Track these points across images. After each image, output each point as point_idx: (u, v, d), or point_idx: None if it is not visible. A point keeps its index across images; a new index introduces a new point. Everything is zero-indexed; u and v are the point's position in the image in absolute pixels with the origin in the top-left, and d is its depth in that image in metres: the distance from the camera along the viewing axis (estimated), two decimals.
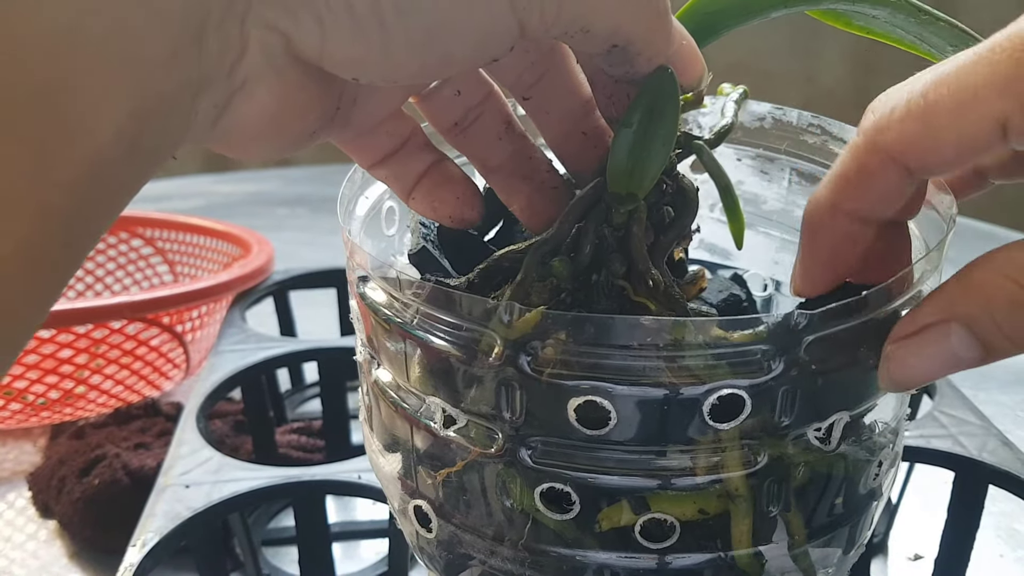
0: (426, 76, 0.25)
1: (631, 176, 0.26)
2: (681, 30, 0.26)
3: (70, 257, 0.20)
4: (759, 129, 0.36)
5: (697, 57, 0.27)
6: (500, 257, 0.28)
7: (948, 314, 0.23)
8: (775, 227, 0.38)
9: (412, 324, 0.26)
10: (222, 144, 0.24)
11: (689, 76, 0.27)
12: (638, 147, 0.26)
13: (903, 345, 0.24)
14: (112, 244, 0.83)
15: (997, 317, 0.22)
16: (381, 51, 0.22)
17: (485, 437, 0.26)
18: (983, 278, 0.22)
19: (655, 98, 0.26)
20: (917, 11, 0.28)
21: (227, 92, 0.22)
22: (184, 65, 0.20)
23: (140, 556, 0.39)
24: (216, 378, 0.53)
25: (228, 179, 1.39)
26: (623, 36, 0.24)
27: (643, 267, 0.27)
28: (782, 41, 1.76)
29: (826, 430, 0.26)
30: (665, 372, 0.24)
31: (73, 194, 0.19)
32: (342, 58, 0.22)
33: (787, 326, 0.24)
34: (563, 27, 0.23)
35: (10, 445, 0.65)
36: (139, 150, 0.20)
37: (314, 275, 0.68)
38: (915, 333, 0.23)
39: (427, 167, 0.29)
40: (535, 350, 0.24)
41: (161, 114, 0.20)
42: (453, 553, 0.29)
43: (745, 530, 0.26)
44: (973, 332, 0.22)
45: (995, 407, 0.62)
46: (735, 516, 0.26)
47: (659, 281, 0.27)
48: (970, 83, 0.21)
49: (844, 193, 0.24)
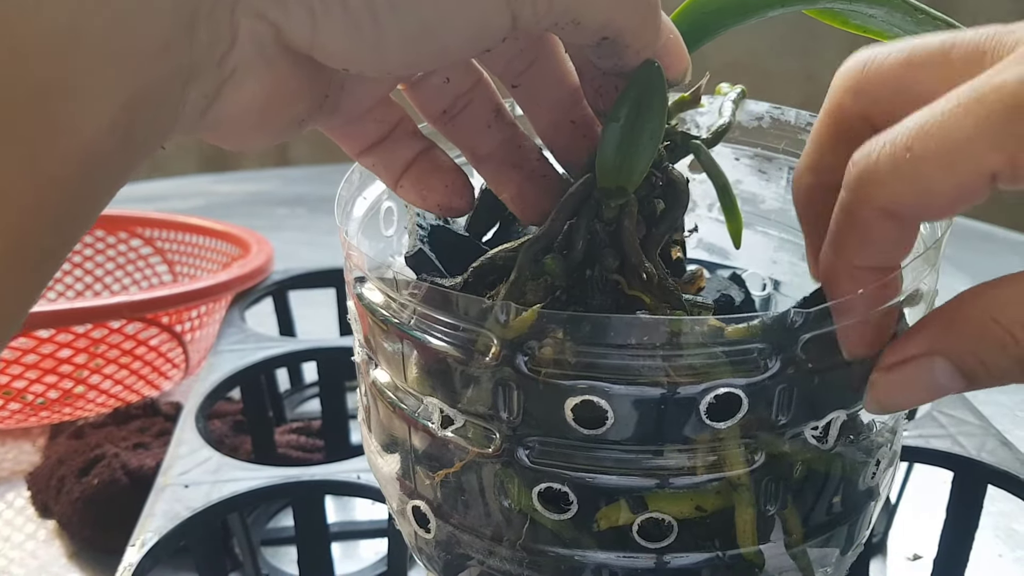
0: (418, 67, 0.25)
1: (620, 171, 0.26)
2: (669, 24, 0.26)
3: (58, 249, 0.20)
4: (757, 128, 0.36)
5: (683, 51, 0.27)
6: (493, 255, 0.28)
7: (933, 348, 0.23)
8: (773, 226, 0.38)
9: (409, 324, 0.26)
10: (212, 134, 0.24)
11: (675, 70, 0.27)
12: (626, 142, 0.26)
13: (889, 373, 0.24)
14: (111, 244, 0.83)
15: (982, 356, 0.22)
16: (374, 44, 0.22)
17: (482, 437, 0.26)
18: (970, 316, 0.22)
19: (642, 92, 0.26)
20: (914, 10, 0.28)
21: (217, 82, 0.22)
22: (175, 56, 0.20)
23: (139, 556, 0.39)
24: (215, 378, 0.53)
25: (227, 179, 1.39)
26: (613, 29, 0.24)
27: (636, 260, 0.27)
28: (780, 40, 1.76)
29: (823, 428, 0.26)
30: (662, 371, 0.24)
31: (65, 187, 0.19)
32: (333, 50, 0.22)
33: (784, 324, 0.24)
34: (554, 18, 0.23)
35: (9, 445, 0.65)
36: (130, 141, 0.20)
37: (313, 275, 0.68)
38: (900, 363, 0.24)
39: (416, 155, 0.29)
40: (532, 350, 0.24)
41: (152, 105, 0.20)
42: (451, 553, 0.29)
43: (748, 529, 0.26)
44: (957, 366, 0.23)
45: (994, 407, 0.62)
46: (738, 513, 0.26)
47: (652, 274, 0.27)
48: (958, 137, 0.20)
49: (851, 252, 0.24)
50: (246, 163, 1.89)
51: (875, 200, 0.22)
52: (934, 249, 0.26)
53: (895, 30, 0.29)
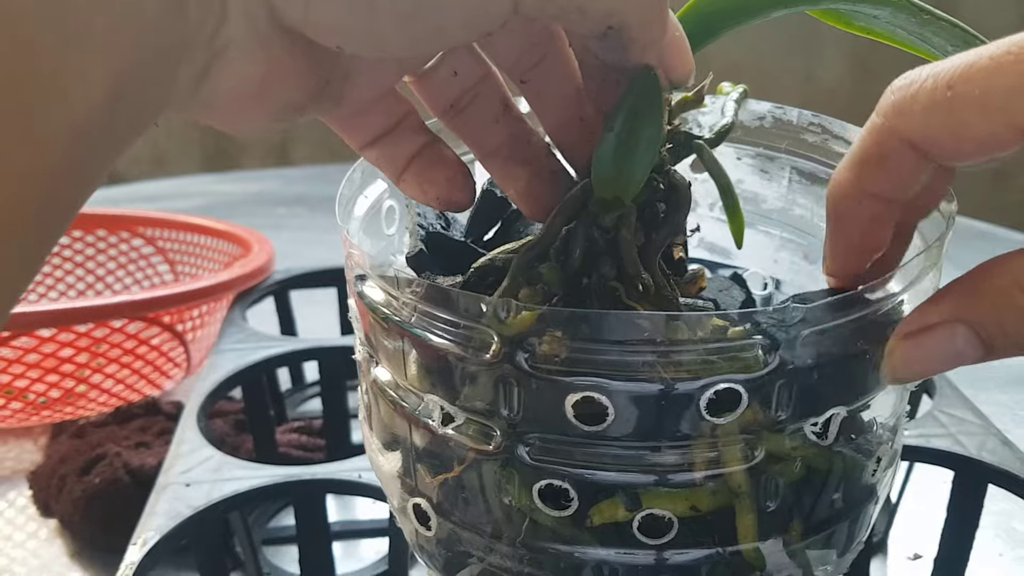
0: (416, 49, 0.24)
1: (616, 181, 0.26)
2: (675, 21, 0.26)
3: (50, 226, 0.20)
4: (759, 128, 0.36)
5: (688, 51, 0.27)
6: (494, 256, 0.28)
7: (955, 316, 0.23)
8: (775, 226, 0.38)
9: (410, 322, 0.26)
10: (207, 113, 0.24)
11: (679, 71, 0.26)
12: (622, 152, 0.26)
13: (908, 341, 0.24)
14: (113, 243, 0.83)
15: (1005, 325, 0.22)
16: (368, 21, 0.22)
17: (483, 435, 0.26)
18: (995, 285, 0.23)
19: (638, 101, 0.26)
20: (918, 11, 0.28)
21: (208, 58, 0.22)
22: (166, 31, 0.20)
23: (141, 555, 0.39)
24: (217, 377, 0.53)
25: (228, 179, 1.39)
26: (618, 19, 0.24)
27: (633, 271, 0.27)
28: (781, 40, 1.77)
29: (823, 425, 0.26)
30: (662, 368, 0.24)
31: (58, 158, 0.19)
32: (326, 27, 0.22)
33: (783, 321, 0.24)
34: (559, 5, 0.23)
35: (11, 444, 0.65)
36: (122, 115, 0.20)
37: (314, 274, 0.68)
38: (920, 331, 0.24)
39: (419, 148, 0.29)
40: (532, 347, 0.24)
41: (144, 80, 0.20)
42: (452, 551, 0.29)
43: (750, 524, 0.26)
44: (978, 334, 0.23)
45: (994, 406, 0.62)
46: (739, 510, 0.26)
47: (649, 285, 0.27)
48: (1001, 85, 0.20)
49: (864, 175, 0.24)
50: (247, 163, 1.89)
51: (905, 131, 0.22)
52: (936, 247, 0.27)
53: (899, 31, 0.28)
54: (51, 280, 0.82)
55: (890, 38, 0.29)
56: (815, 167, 0.35)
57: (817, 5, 0.29)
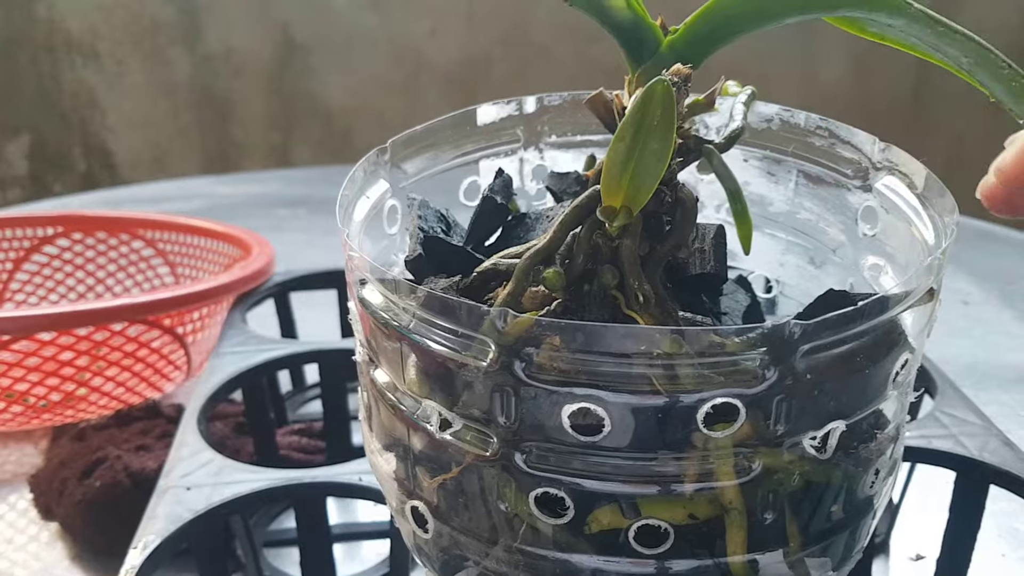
0: None
1: (625, 191, 0.26)
2: None
3: None
4: (766, 131, 0.36)
5: None
6: (496, 261, 0.28)
7: None
8: (781, 229, 0.38)
9: (408, 327, 0.26)
10: None
11: None
12: (632, 162, 0.26)
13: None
14: (113, 246, 0.83)
15: None
16: None
17: (480, 441, 0.26)
18: None
19: (649, 112, 0.26)
20: (934, 23, 0.27)
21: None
22: None
23: (141, 558, 0.39)
24: (217, 380, 0.53)
25: (228, 181, 1.39)
26: None
27: (634, 281, 0.27)
28: (782, 42, 1.76)
29: (822, 439, 0.25)
30: (660, 380, 0.23)
31: None
32: None
33: (782, 335, 0.24)
34: None
35: (11, 447, 0.65)
36: None
37: (315, 277, 0.68)
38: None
39: None
40: (529, 356, 0.24)
41: None
42: (449, 554, 0.29)
43: (739, 539, 0.26)
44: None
45: (996, 407, 0.62)
46: (729, 525, 0.25)
47: (649, 296, 0.27)
48: None
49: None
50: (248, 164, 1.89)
51: None
52: (938, 260, 0.26)
53: (913, 40, 0.28)
54: (51, 283, 0.82)
55: (904, 45, 0.29)
56: (822, 171, 0.35)
57: (834, 12, 0.29)
